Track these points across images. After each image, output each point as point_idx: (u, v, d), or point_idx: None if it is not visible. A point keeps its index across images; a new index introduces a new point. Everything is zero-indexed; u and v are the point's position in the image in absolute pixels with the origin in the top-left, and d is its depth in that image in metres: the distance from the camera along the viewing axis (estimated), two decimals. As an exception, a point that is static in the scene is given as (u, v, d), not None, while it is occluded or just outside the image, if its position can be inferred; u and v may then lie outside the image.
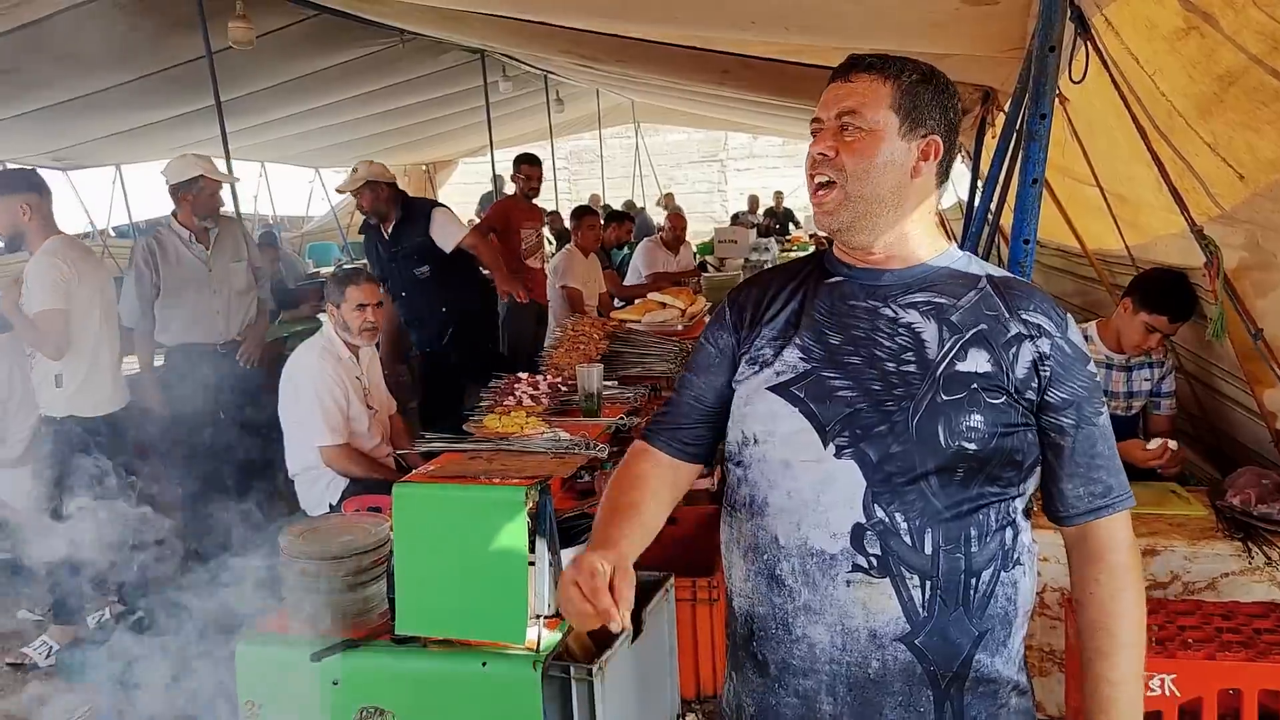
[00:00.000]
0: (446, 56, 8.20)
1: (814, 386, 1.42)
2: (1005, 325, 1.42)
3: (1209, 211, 2.77)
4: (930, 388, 1.39)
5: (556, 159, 12.79)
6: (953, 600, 1.38)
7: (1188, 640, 2.30)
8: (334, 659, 2.28)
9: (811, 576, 1.40)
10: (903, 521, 1.37)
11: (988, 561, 1.40)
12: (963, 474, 1.37)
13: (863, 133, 1.40)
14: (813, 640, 1.42)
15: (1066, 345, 1.43)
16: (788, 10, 3.78)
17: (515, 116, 11.97)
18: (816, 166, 1.43)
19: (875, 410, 1.39)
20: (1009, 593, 1.42)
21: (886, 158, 1.41)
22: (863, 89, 1.41)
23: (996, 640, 1.42)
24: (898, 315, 1.44)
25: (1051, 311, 1.45)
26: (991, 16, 3.18)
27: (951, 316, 1.43)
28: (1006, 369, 1.40)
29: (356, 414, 3.74)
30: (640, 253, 8.09)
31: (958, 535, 1.38)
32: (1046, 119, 2.11)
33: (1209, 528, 2.80)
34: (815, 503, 1.40)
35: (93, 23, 5.26)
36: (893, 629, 1.38)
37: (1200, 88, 2.32)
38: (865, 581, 1.38)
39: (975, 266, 1.50)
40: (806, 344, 1.46)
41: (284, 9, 5.85)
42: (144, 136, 8.89)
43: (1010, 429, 1.39)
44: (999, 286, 1.46)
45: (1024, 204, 2.13)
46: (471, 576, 2.24)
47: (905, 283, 1.46)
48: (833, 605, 1.40)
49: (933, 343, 1.41)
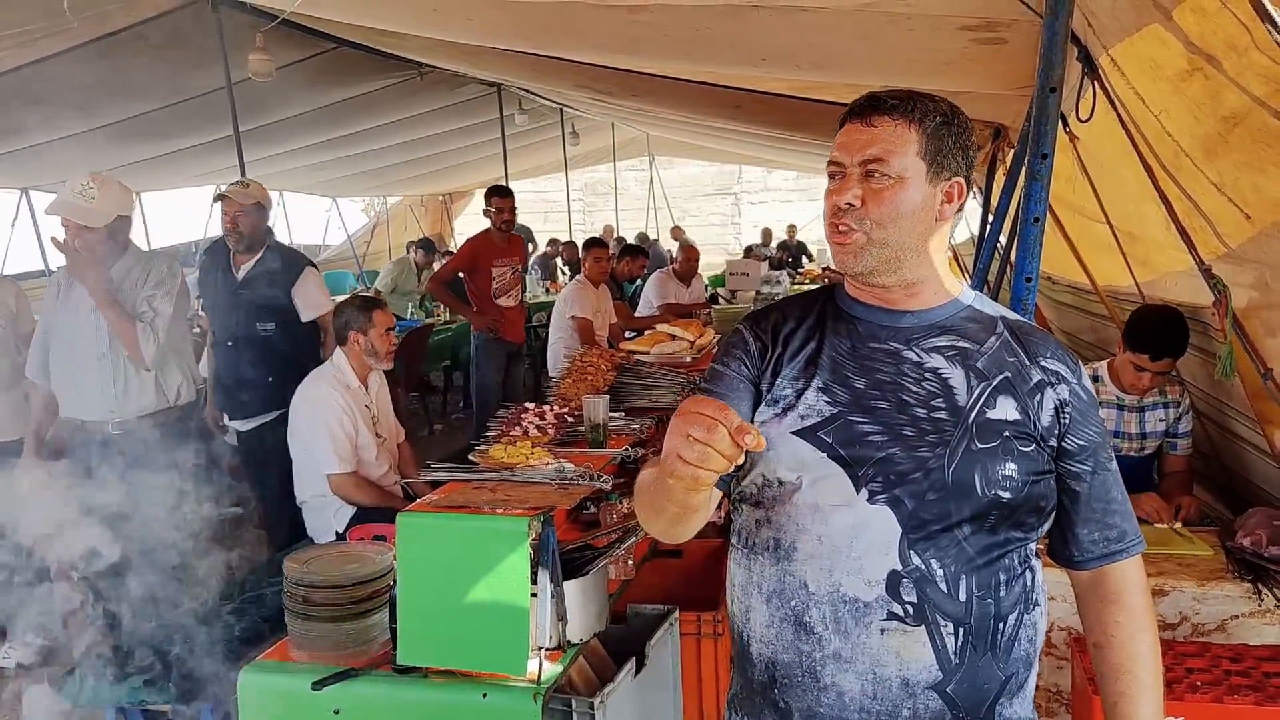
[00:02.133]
0: (463, 89, 8.32)
1: (841, 431, 1.39)
2: (1028, 373, 1.42)
3: (1216, 250, 2.77)
4: (964, 435, 1.37)
5: (571, 190, 12.89)
6: (982, 645, 1.38)
7: (1196, 683, 2.28)
8: (335, 688, 2.28)
9: (844, 624, 1.37)
10: (939, 569, 1.35)
11: (1013, 605, 1.40)
12: (994, 521, 1.37)
13: (890, 180, 1.37)
14: (842, 689, 1.38)
15: (1082, 392, 1.44)
16: (798, 48, 3.83)
17: (531, 149, 12.10)
18: (841, 216, 1.40)
19: (909, 457, 1.37)
20: (1030, 634, 1.43)
21: (913, 205, 1.38)
22: (887, 135, 1.38)
23: (1018, 682, 1.43)
24: (922, 360, 1.42)
25: (1066, 358, 1.46)
26: (1000, 55, 3.22)
27: (977, 363, 1.42)
28: (1033, 417, 1.40)
29: (365, 442, 3.76)
30: (652, 284, 8.13)
31: (989, 581, 1.38)
32: (1048, 159, 2.12)
33: (1218, 568, 2.77)
34: (849, 549, 1.37)
35: (115, 54, 5.37)
36: (926, 677, 1.36)
37: (1205, 128, 2.33)
38: (900, 630, 1.35)
39: (989, 308, 1.50)
40: (830, 386, 1.42)
41: (303, 42, 5.96)
42: (165, 165, 9.03)
43: (1039, 476, 1.40)
44: (1015, 331, 1.47)
45: (1025, 242, 2.14)
46: (473, 607, 2.24)
47: (926, 325, 1.45)
48: (865, 654, 1.37)
49: (961, 389, 1.40)
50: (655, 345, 4.88)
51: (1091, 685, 2.27)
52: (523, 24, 4.45)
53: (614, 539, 2.67)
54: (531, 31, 4.64)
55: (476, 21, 4.65)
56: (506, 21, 4.49)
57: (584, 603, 2.40)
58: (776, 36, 3.74)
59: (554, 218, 13.57)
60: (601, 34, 4.38)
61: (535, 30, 4.59)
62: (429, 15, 4.74)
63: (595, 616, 2.45)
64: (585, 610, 2.40)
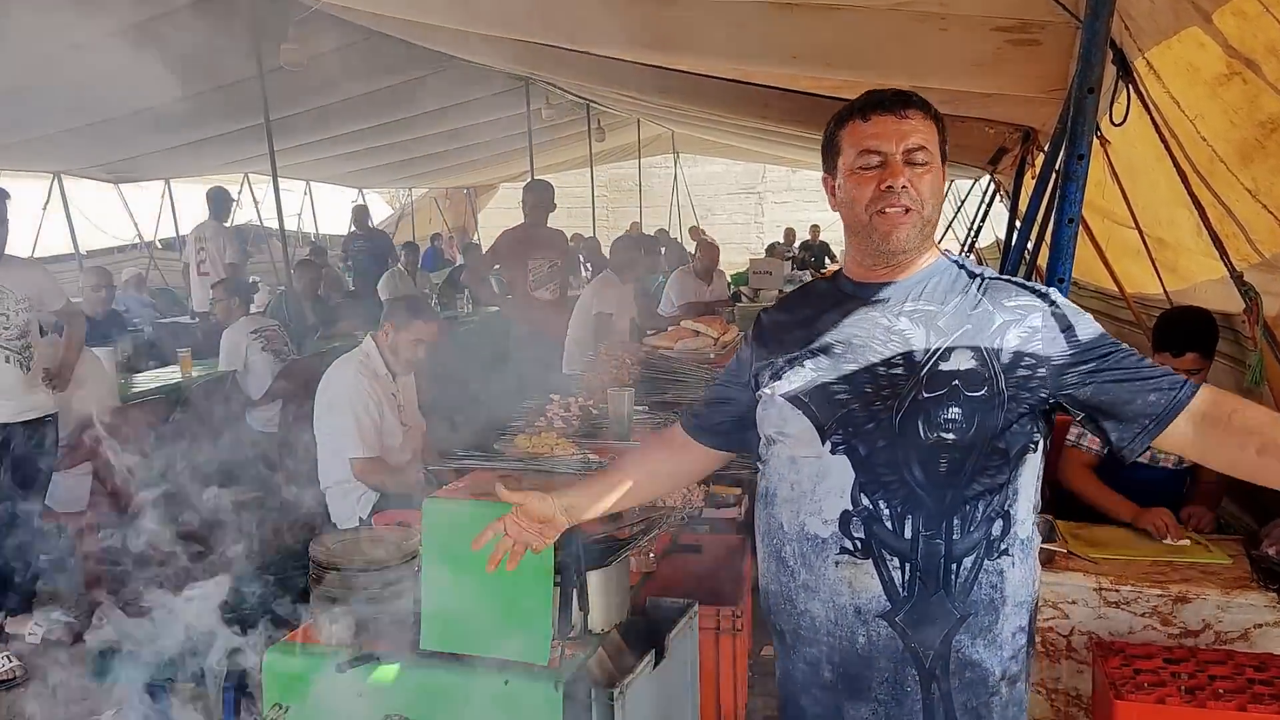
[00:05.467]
0: (491, 83, 8.34)
1: (818, 393, 1.60)
2: (990, 319, 1.55)
3: (1249, 258, 2.75)
4: (914, 387, 1.53)
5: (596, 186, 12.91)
6: (933, 583, 1.52)
7: (1219, 690, 2.26)
8: (358, 671, 2.30)
9: (808, 559, 1.59)
10: (885, 508, 1.53)
11: (970, 549, 1.52)
12: (946, 465, 1.51)
13: (930, 165, 1.56)
14: (813, 614, 1.61)
15: (1057, 310, 1.55)
16: (831, 47, 3.83)
17: (556, 144, 12.12)
18: (896, 197, 1.55)
19: (865, 410, 1.55)
20: (994, 580, 1.54)
21: (939, 185, 1.58)
22: (921, 126, 1.56)
23: (980, 625, 1.54)
24: (892, 324, 1.60)
25: (1034, 290, 1.59)
26: (1034, 57, 3.20)
27: (939, 322, 1.57)
28: (991, 360, 1.52)
29: (390, 429, 3.78)
30: (674, 282, 8.13)
31: (939, 524, 1.51)
32: (1084, 160, 2.11)
33: (1243, 577, 2.75)
34: (812, 493, 1.59)
35: (149, 40, 5.42)
36: (875, 606, 1.55)
37: (1242, 133, 2.32)
38: (850, 562, 1.55)
39: (966, 270, 1.64)
40: (818, 357, 1.63)
41: (335, 32, 5.99)
42: (195, 152, 9.10)
43: (992, 417, 1.50)
44: (986, 287, 1.60)
45: (1060, 243, 2.14)
46: (497, 594, 2.25)
47: (901, 293, 1.62)
48: (825, 584, 1.58)
49: (920, 348, 1.56)
50: (679, 341, 4.88)
51: (1113, 690, 2.26)
52: (554, 14, 4.46)
53: (637, 531, 2.68)
54: (562, 22, 4.65)
55: (507, 11, 4.67)
56: (537, 11, 4.51)
57: (606, 593, 2.41)
58: (809, 35, 3.74)
59: (577, 213, 13.58)
60: (633, 28, 4.39)
61: (566, 21, 4.60)
62: (459, 4, 4.76)
63: (616, 607, 2.46)
64: (607, 601, 2.41)
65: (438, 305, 9.49)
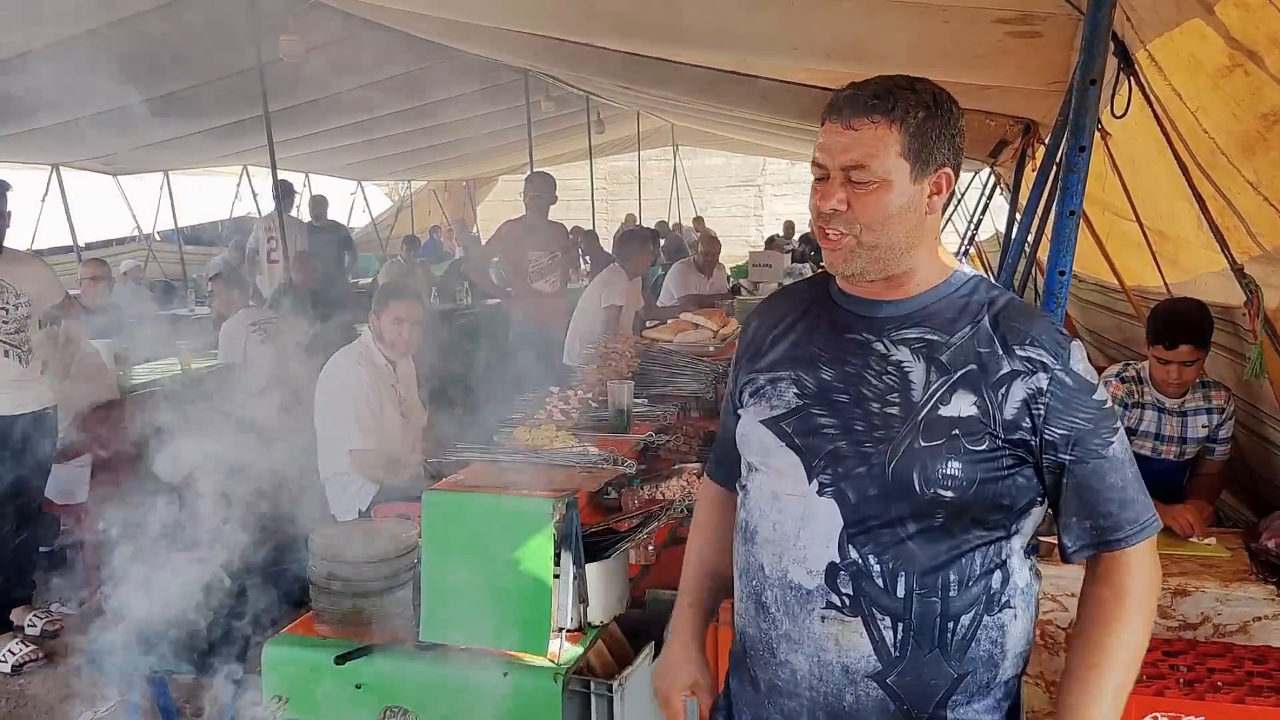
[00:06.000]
0: (491, 75, 8.32)
1: (802, 423, 1.43)
2: (998, 363, 1.36)
3: (1250, 250, 2.75)
4: (910, 432, 1.36)
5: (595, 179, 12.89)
6: (927, 642, 1.37)
7: (1217, 683, 2.26)
8: (358, 663, 2.30)
9: (791, 609, 1.42)
10: (875, 564, 1.36)
11: (969, 606, 1.37)
12: (942, 520, 1.35)
13: (873, 185, 1.34)
14: (794, 667, 1.44)
15: (1068, 377, 1.36)
16: (831, 38, 3.81)
17: (556, 136, 12.09)
18: (828, 220, 1.38)
19: (855, 451, 1.38)
20: (994, 636, 1.39)
21: (899, 206, 1.35)
22: (867, 138, 1.33)
23: (978, 683, 1.39)
24: (889, 352, 1.41)
25: (1051, 343, 1.37)
26: (1035, 49, 3.19)
27: (942, 356, 1.38)
28: (993, 411, 1.35)
29: (389, 421, 3.78)
30: (673, 275, 8.11)
31: (935, 580, 1.36)
32: (1086, 151, 2.11)
33: (1242, 570, 2.75)
34: (796, 537, 1.41)
35: (147, 32, 5.40)
36: (864, 666, 1.38)
37: (1244, 125, 2.32)
38: (838, 619, 1.39)
39: (980, 294, 1.44)
40: (801, 378, 1.45)
41: (334, 24, 5.97)
42: (193, 144, 9.08)
43: (995, 474, 1.35)
44: (999, 318, 1.39)
45: (1061, 235, 2.13)
46: (496, 586, 2.26)
47: (901, 315, 1.43)
48: (809, 638, 1.41)
49: (919, 384, 1.38)
50: (679, 333, 4.88)
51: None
52: (553, 5, 4.45)
53: (636, 524, 2.68)
54: (561, 14, 4.64)
55: (507, 2, 4.66)
56: (537, 3, 4.49)
57: (605, 585, 2.41)
58: (809, 27, 3.73)
59: (576, 206, 13.55)
60: (631, 19, 4.38)
61: (565, 13, 4.59)
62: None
63: (616, 599, 2.47)
64: (606, 593, 2.42)
65: (437, 298, 9.48)
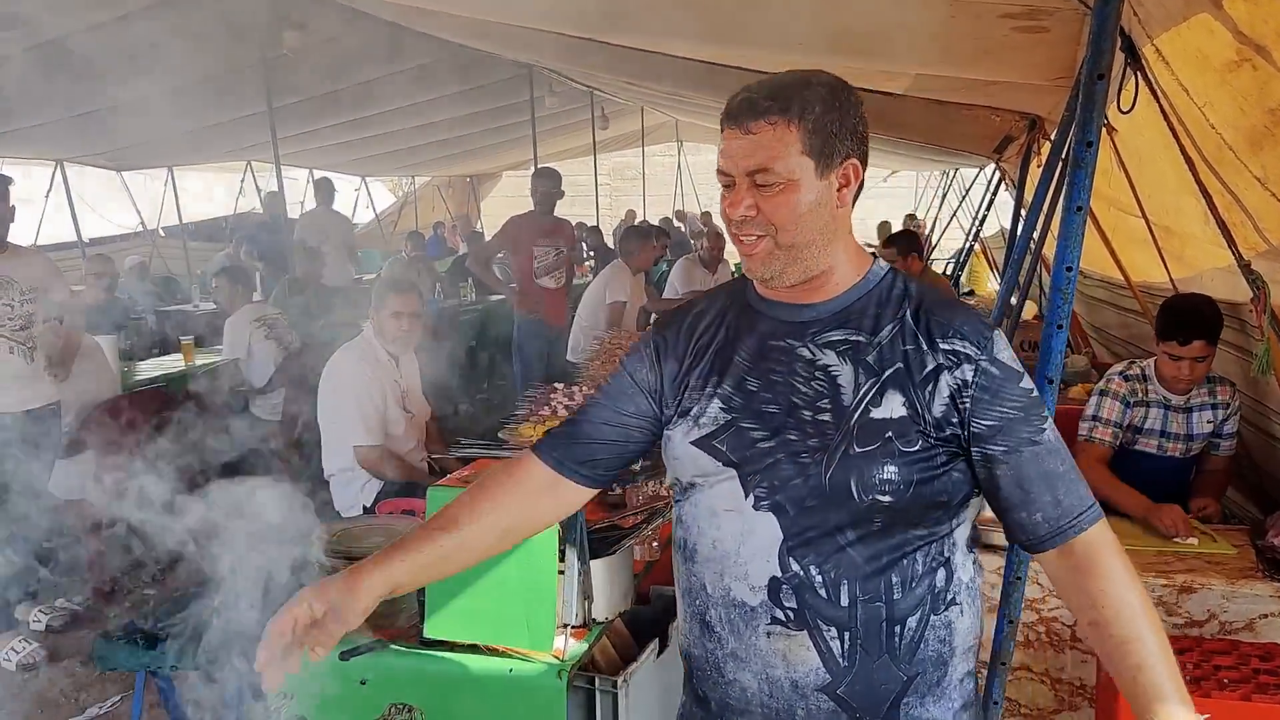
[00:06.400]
0: (495, 70, 8.31)
1: (734, 437, 1.39)
2: (923, 360, 1.35)
3: (1257, 246, 2.74)
4: (843, 439, 1.33)
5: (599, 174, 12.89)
6: (875, 649, 1.35)
7: (1224, 680, 2.26)
8: (363, 659, 2.30)
9: (736, 626, 1.39)
10: (817, 575, 1.34)
11: (914, 607, 1.36)
12: (881, 524, 1.33)
13: (780, 186, 1.32)
14: (743, 685, 1.41)
15: (993, 367, 1.34)
16: (835, 34, 3.80)
17: (560, 132, 12.09)
18: (742, 227, 1.36)
19: (792, 462, 1.35)
20: (941, 635, 1.38)
21: (809, 203, 1.33)
22: (768, 140, 1.32)
23: (928, 682, 1.38)
24: (815, 357, 1.39)
25: (975, 334, 1.36)
26: (1042, 43, 3.18)
27: (868, 357, 1.36)
28: (923, 410, 1.33)
29: (393, 417, 3.78)
30: (678, 270, 8.11)
31: (878, 586, 1.34)
32: (1093, 147, 2.09)
33: (1248, 567, 2.75)
34: (736, 554, 1.38)
35: (151, 28, 5.40)
36: (814, 680, 1.36)
37: (1251, 121, 2.30)
38: (784, 634, 1.36)
39: (899, 288, 1.42)
40: (728, 393, 1.42)
41: (338, 19, 5.97)
42: (198, 139, 9.09)
43: (931, 473, 1.33)
44: (921, 313, 1.38)
45: (1068, 231, 2.12)
46: (501, 582, 2.25)
47: (824, 318, 1.41)
48: (756, 655, 1.39)
49: (848, 388, 1.36)
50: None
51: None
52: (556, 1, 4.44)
53: (640, 520, 2.68)
54: (564, 9, 4.63)
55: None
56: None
57: (610, 582, 2.41)
58: (814, 22, 3.72)
59: (580, 202, 13.55)
60: (636, 14, 4.37)
61: (568, 7, 4.57)
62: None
63: (620, 596, 2.46)
64: (611, 589, 2.41)
65: (440, 293, 9.47)
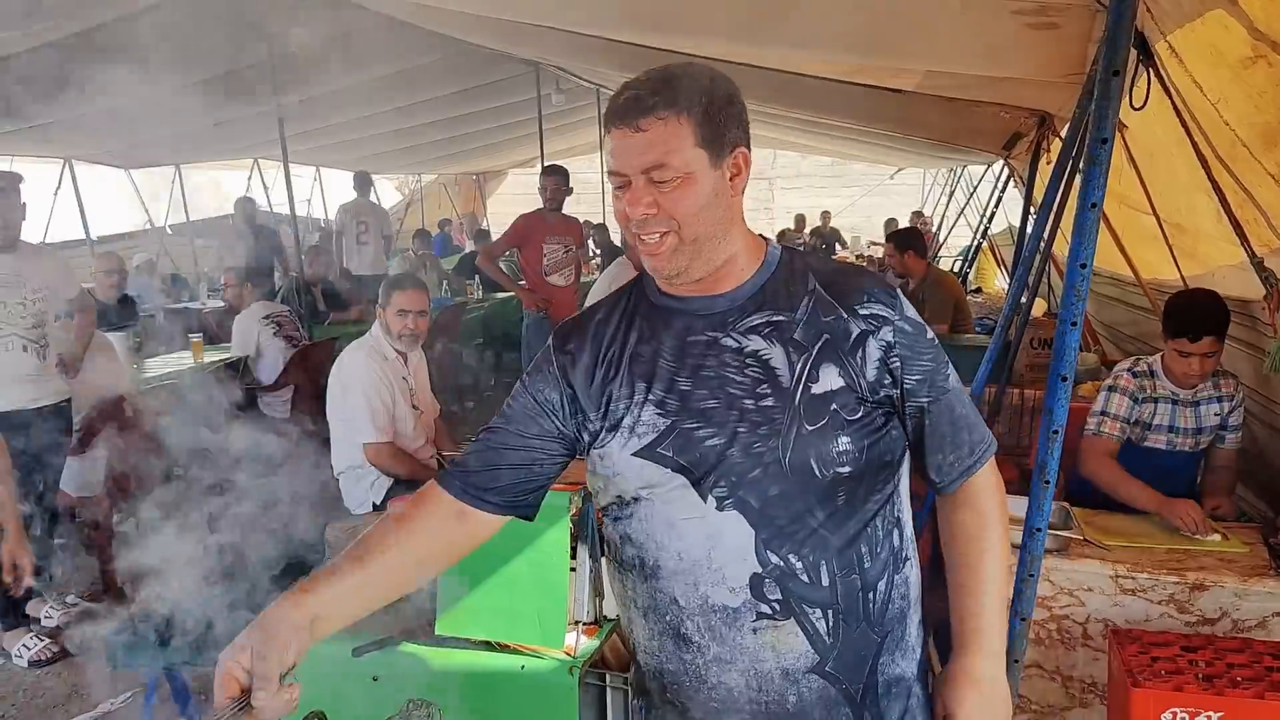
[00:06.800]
0: (501, 68, 8.31)
1: (678, 441, 1.36)
2: (847, 328, 1.37)
3: (1270, 243, 2.73)
4: (793, 420, 1.33)
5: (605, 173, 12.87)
6: (854, 619, 1.38)
7: (1236, 679, 2.26)
8: (374, 655, 2.31)
9: (718, 631, 1.38)
10: (797, 562, 1.34)
11: (882, 571, 1.40)
12: (844, 498, 1.35)
13: (678, 180, 1.31)
14: (730, 685, 1.40)
15: (906, 325, 1.39)
16: (845, 32, 3.79)
17: (566, 129, 12.08)
18: (643, 227, 1.34)
19: (746, 455, 1.34)
20: (902, 590, 1.44)
21: (708, 194, 1.33)
22: (661, 136, 1.30)
23: (895, 639, 1.43)
24: (742, 344, 1.37)
25: (885, 296, 1.39)
26: (1053, 40, 3.17)
27: (794, 334, 1.37)
28: (857, 376, 1.35)
29: (402, 414, 3.79)
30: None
31: (850, 558, 1.37)
32: (1108, 143, 2.08)
33: (1261, 565, 2.74)
34: (707, 561, 1.36)
35: (159, 25, 5.40)
36: (803, 663, 1.37)
37: (1266, 117, 2.30)
38: (771, 626, 1.36)
39: (799, 263, 1.44)
40: (660, 397, 1.39)
41: (345, 17, 5.97)
42: (205, 137, 9.10)
43: (876, 435, 1.37)
44: (827, 285, 1.40)
45: (1081, 228, 2.11)
46: (512, 579, 2.26)
47: (742, 304, 1.40)
48: (743, 653, 1.38)
49: (784, 369, 1.35)
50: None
51: (1130, 678, 2.26)
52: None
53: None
54: (571, 5, 4.63)
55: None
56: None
57: (621, 579, 2.41)
58: (823, 19, 3.71)
59: (585, 200, 13.55)
60: (639, 10, 4.36)
61: (575, 4, 4.57)
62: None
63: (631, 593, 2.46)
64: (622, 587, 2.41)
65: (447, 291, 9.48)
